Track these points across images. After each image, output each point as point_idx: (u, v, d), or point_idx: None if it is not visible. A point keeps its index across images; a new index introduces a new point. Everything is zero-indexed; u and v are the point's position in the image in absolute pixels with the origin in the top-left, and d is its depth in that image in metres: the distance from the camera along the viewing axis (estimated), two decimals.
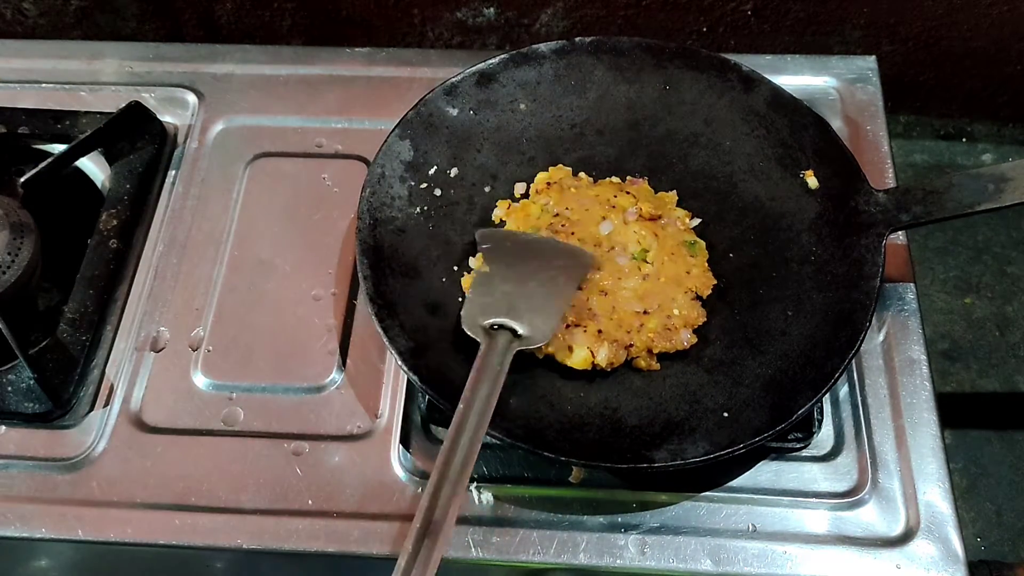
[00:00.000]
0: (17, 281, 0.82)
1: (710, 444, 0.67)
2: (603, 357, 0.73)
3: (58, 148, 0.92)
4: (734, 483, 0.73)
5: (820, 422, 0.74)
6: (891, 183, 0.89)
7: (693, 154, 0.86)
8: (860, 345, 0.70)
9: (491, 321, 0.72)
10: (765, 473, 0.74)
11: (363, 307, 0.83)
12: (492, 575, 0.73)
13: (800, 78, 0.97)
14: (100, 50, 1.02)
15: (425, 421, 0.77)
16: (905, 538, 0.70)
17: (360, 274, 0.75)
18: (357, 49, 1.01)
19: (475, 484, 0.74)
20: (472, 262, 0.81)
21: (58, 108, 0.96)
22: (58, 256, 0.88)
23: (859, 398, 0.77)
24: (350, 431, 0.77)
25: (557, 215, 0.82)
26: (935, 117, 1.26)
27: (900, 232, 0.80)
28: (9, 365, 0.78)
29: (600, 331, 0.74)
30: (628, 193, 0.83)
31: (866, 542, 0.70)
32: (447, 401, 0.69)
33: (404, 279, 0.78)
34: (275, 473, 0.75)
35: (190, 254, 0.87)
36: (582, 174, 0.86)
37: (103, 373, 0.81)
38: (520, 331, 0.71)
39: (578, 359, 0.73)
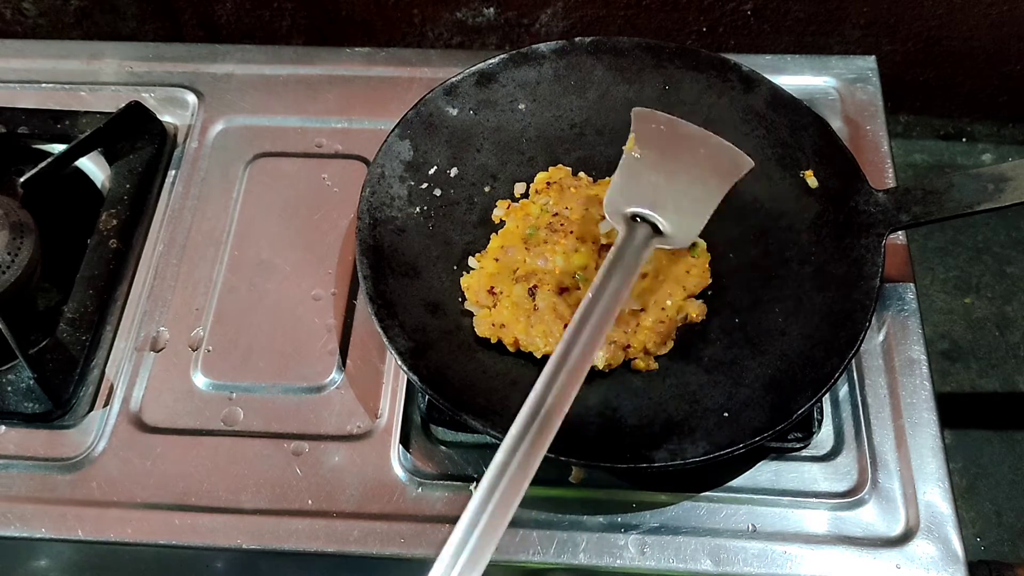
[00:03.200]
0: (17, 281, 0.82)
1: (710, 444, 0.67)
2: (601, 357, 0.73)
3: (58, 148, 0.92)
4: (734, 483, 0.73)
5: (820, 422, 0.74)
6: (891, 183, 0.89)
7: None
8: (860, 345, 0.70)
9: (634, 211, 0.68)
10: (765, 473, 0.74)
11: (363, 307, 0.83)
12: (492, 575, 0.73)
13: (800, 78, 0.97)
14: (100, 50, 1.02)
15: (425, 421, 0.77)
16: (905, 538, 0.70)
17: (360, 274, 0.75)
18: (357, 49, 1.01)
19: (475, 484, 0.74)
20: (472, 261, 0.81)
21: (58, 108, 0.96)
22: (58, 256, 0.88)
23: (859, 398, 0.77)
24: (350, 431, 0.77)
25: (556, 215, 0.81)
26: (935, 117, 1.26)
27: (900, 232, 0.80)
28: (9, 365, 0.78)
29: None
30: None
31: (866, 542, 0.70)
32: (447, 401, 0.69)
33: (404, 279, 0.78)
34: (275, 473, 0.75)
35: (190, 254, 0.87)
36: (582, 174, 0.86)
37: (103, 373, 0.81)
38: (663, 228, 0.67)
39: None
